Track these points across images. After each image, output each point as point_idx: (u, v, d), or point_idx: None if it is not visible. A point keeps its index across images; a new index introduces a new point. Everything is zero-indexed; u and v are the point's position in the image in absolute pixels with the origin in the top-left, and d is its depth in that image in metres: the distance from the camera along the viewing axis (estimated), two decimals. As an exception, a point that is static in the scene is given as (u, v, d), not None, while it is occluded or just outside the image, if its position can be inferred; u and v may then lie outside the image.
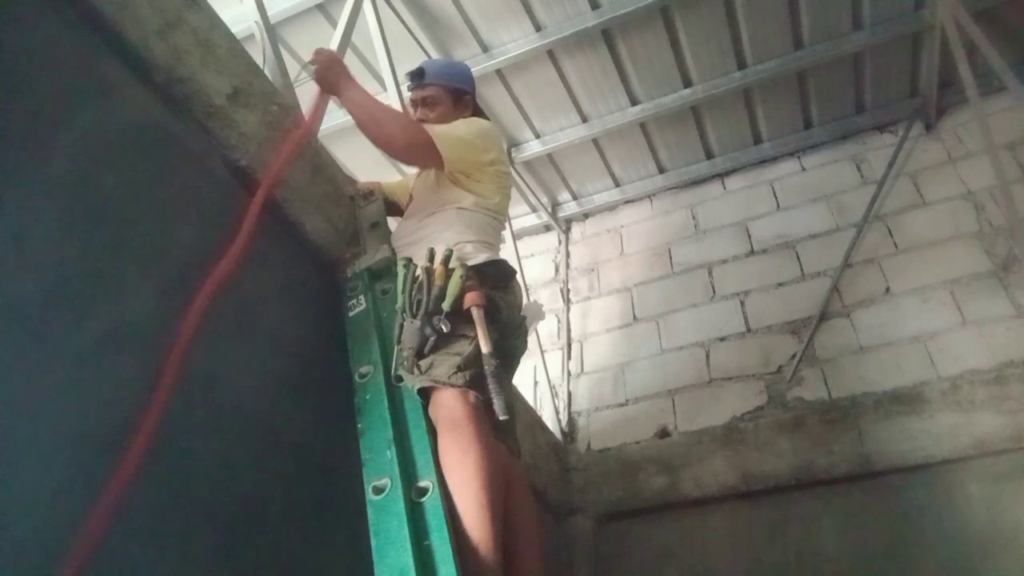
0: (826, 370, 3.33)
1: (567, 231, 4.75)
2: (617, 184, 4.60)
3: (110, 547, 1.11)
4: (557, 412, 3.79)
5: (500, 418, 1.53)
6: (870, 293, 3.48)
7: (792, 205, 4.03)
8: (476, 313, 1.62)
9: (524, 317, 1.96)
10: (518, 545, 1.53)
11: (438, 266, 1.66)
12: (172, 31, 1.53)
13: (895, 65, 3.85)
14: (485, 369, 1.55)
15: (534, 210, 4.71)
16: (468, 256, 1.77)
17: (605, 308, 4.18)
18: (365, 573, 1.30)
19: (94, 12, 1.35)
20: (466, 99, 2.16)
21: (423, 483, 1.42)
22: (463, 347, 1.60)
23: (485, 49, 3.68)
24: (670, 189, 4.51)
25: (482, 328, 1.61)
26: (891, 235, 3.63)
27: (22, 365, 1.06)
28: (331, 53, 2.02)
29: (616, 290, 4.23)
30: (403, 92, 3.00)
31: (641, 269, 4.22)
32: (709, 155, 4.40)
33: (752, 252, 3.95)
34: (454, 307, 1.62)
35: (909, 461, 2.86)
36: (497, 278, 1.82)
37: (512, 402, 1.70)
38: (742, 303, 3.77)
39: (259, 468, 1.46)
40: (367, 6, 3.06)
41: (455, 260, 1.70)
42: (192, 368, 1.38)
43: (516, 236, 4.32)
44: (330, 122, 3.67)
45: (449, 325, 1.60)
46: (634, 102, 4.04)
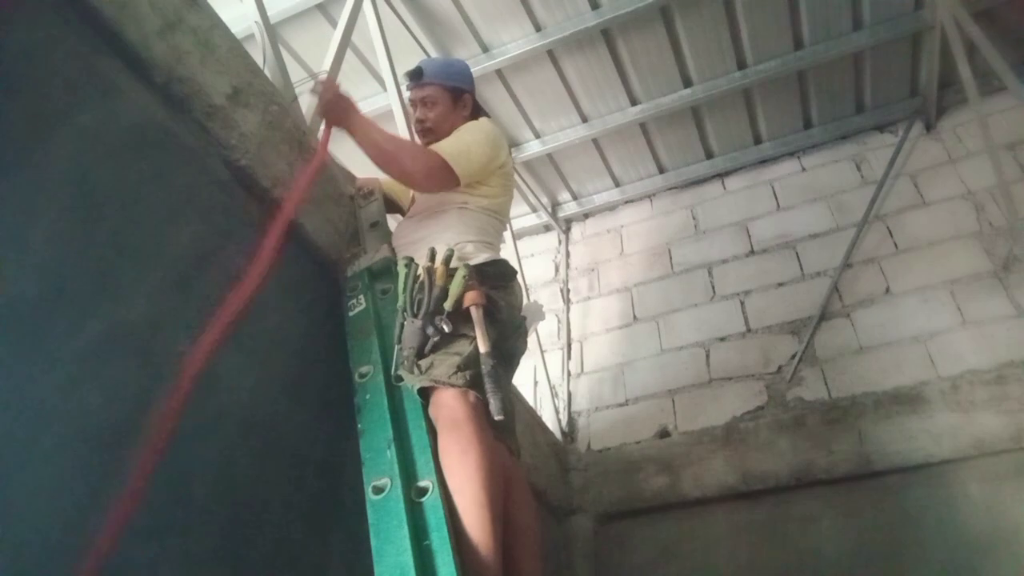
0: (826, 370, 3.33)
1: (567, 231, 4.75)
2: (617, 184, 4.60)
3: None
4: (557, 412, 3.79)
5: (496, 418, 1.53)
6: (870, 293, 3.48)
7: (792, 205, 4.04)
8: (475, 313, 1.62)
9: (524, 317, 1.96)
10: (518, 545, 1.53)
11: (439, 266, 1.66)
12: (172, 31, 1.53)
13: (895, 65, 3.85)
14: (483, 369, 1.55)
15: (534, 210, 4.71)
16: (469, 256, 1.77)
17: (605, 308, 4.18)
18: (365, 573, 1.30)
19: (94, 12, 1.35)
20: (465, 98, 2.14)
21: (423, 483, 1.42)
22: (463, 347, 1.60)
23: (485, 49, 3.68)
24: (670, 189, 4.52)
25: (481, 328, 1.61)
26: (891, 235, 3.63)
27: (22, 365, 1.06)
28: (335, 86, 1.97)
29: (616, 290, 4.23)
30: (403, 92, 3.01)
31: (641, 269, 4.22)
32: (709, 155, 4.40)
33: (752, 252, 3.95)
34: (455, 307, 1.62)
35: (909, 461, 2.86)
36: (498, 278, 1.82)
37: (510, 402, 1.70)
38: (742, 303, 3.77)
39: (259, 468, 1.46)
40: (367, 6, 3.06)
41: (456, 260, 1.70)
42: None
43: (516, 236, 4.32)
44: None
45: (450, 325, 1.60)
46: (634, 102, 4.04)
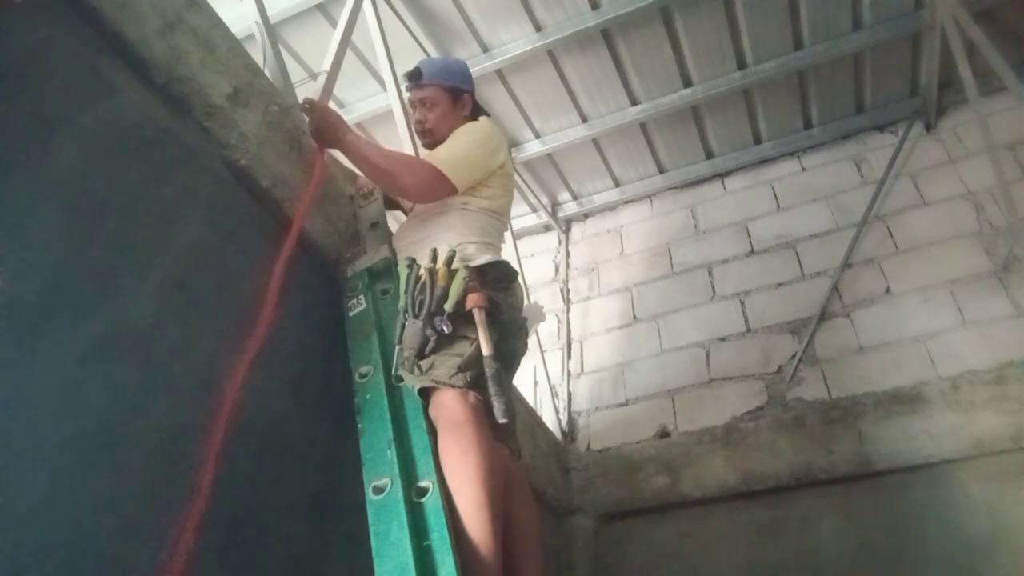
0: (826, 370, 3.33)
1: (567, 231, 4.75)
2: (617, 184, 4.60)
3: (109, 547, 1.11)
4: (557, 412, 3.79)
5: (500, 421, 1.53)
6: (870, 293, 3.48)
7: (792, 205, 4.04)
8: (477, 315, 1.62)
9: (525, 319, 1.96)
10: (518, 545, 1.53)
11: (441, 267, 1.66)
12: (172, 31, 1.53)
13: (895, 65, 3.85)
14: (486, 371, 1.55)
15: (534, 210, 4.71)
16: (470, 257, 1.77)
17: (605, 308, 4.18)
18: (365, 573, 1.29)
19: (94, 12, 1.35)
20: (464, 98, 2.13)
21: (423, 483, 1.42)
22: (464, 348, 1.60)
23: (485, 49, 3.68)
24: (670, 189, 4.52)
25: (483, 330, 1.61)
26: (891, 235, 3.63)
27: (22, 365, 1.06)
28: (324, 107, 1.99)
29: (616, 290, 4.23)
30: (403, 92, 3.01)
31: (641, 269, 4.22)
32: (709, 155, 4.40)
33: (752, 252, 3.95)
34: (456, 308, 1.62)
35: (909, 461, 2.86)
36: (499, 279, 1.82)
37: (512, 404, 1.70)
38: (742, 303, 3.77)
39: (259, 468, 1.46)
40: (367, 6, 3.06)
41: (458, 261, 1.70)
42: (193, 368, 1.38)
43: (516, 236, 4.32)
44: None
45: (451, 326, 1.60)
46: (634, 102, 4.04)
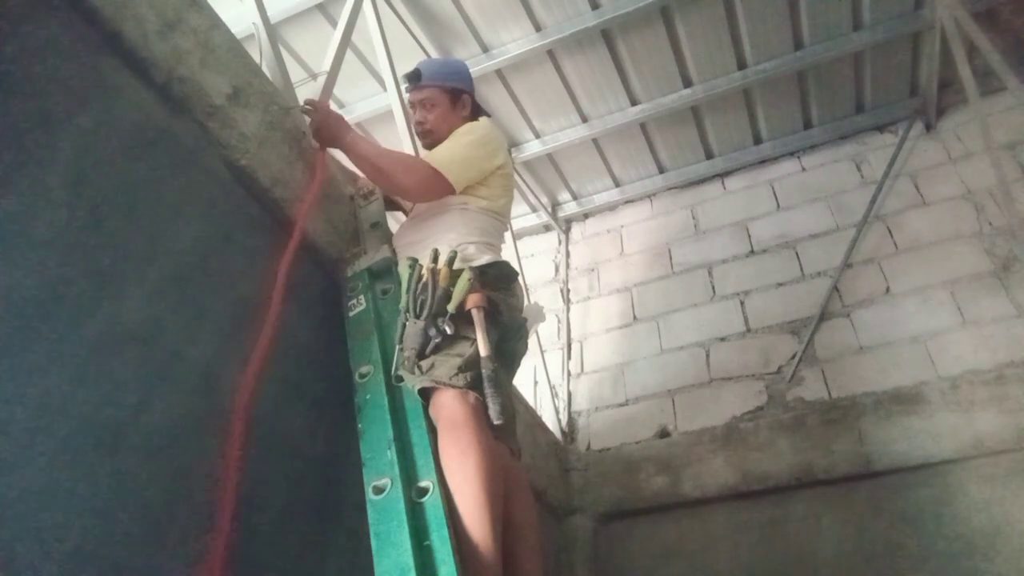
0: (826, 370, 3.33)
1: (567, 231, 4.75)
2: (617, 184, 4.60)
3: (109, 547, 1.11)
4: (557, 412, 3.79)
5: (494, 422, 1.53)
6: (870, 293, 3.48)
7: (792, 205, 4.04)
8: (477, 315, 1.62)
9: (525, 319, 1.96)
10: (518, 545, 1.53)
11: (443, 267, 1.66)
12: (172, 31, 1.53)
13: (895, 65, 3.85)
14: (483, 372, 1.55)
15: (534, 210, 4.71)
16: (471, 257, 1.77)
17: (605, 308, 4.18)
18: (365, 573, 1.29)
19: (94, 12, 1.35)
20: (464, 98, 2.14)
21: (423, 483, 1.42)
22: (464, 348, 1.60)
23: (485, 49, 3.68)
24: (670, 189, 4.52)
25: (482, 331, 1.61)
26: (891, 235, 3.63)
27: (22, 365, 1.06)
28: (326, 107, 2.00)
29: (616, 290, 4.22)
30: (403, 92, 3.01)
31: (641, 269, 4.22)
32: (709, 155, 4.40)
33: (752, 252, 3.95)
34: (458, 309, 1.62)
35: (909, 461, 2.86)
36: (499, 280, 1.82)
37: (511, 404, 1.70)
38: (742, 303, 3.77)
39: (259, 468, 1.46)
40: (367, 6, 3.06)
41: (460, 261, 1.70)
42: (192, 368, 1.38)
43: (516, 236, 4.32)
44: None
45: (453, 327, 1.60)
46: (634, 102, 4.04)
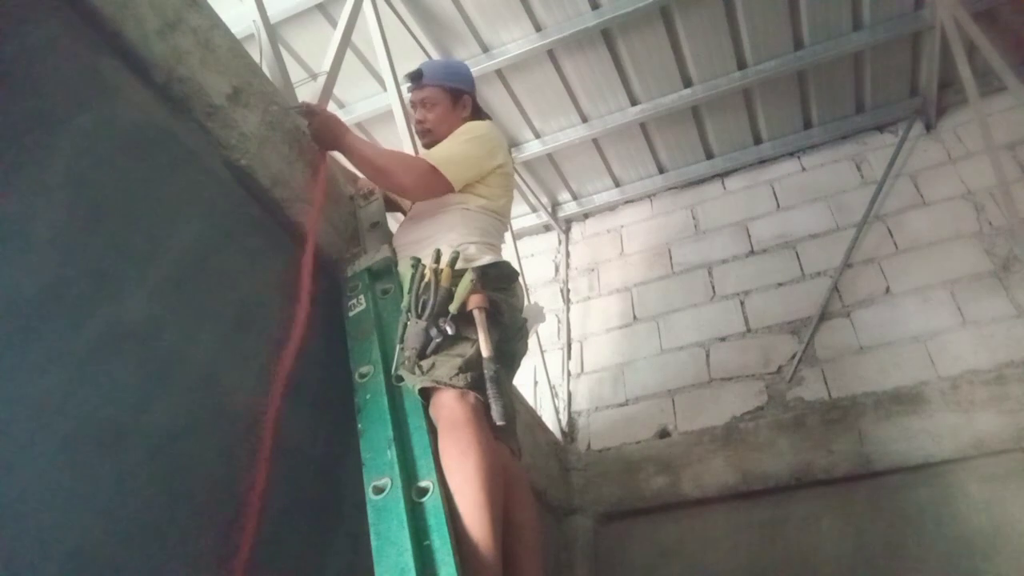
0: (826, 370, 3.33)
1: (567, 231, 4.75)
2: (617, 184, 4.60)
3: (109, 547, 1.11)
4: (557, 412, 3.79)
5: (498, 423, 1.53)
6: (870, 293, 3.48)
7: (792, 205, 4.04)
8: (478, 316, 1.62)
9: (525, 319, 1.96)
10: (518, 545, 1.53)
11: (445, 267, 1.66)
12: (172, 31, 1.53)
13: (895, 65, 3.85)
14: (485, 373, 1.55)
15: (534, 210, 4.71)
16: (472, 257, 1.77)
17: (605, 308, 4.18)
18: (365, 573, 1.29)
19: (94, 12, 1.35)
20: (464, 99, 2.15)
21: (423, 483, 1.42)
22: (465, 349, 1.60)
23: (485, 49, 3.68)
24: (670, 189, 4.52)
25: (483, 331, 1.61)
26: (891, 235, 3.63)
27: (22, 365, 1.06)
28: (323, 110, 2.01)
29: (616, 290, 4.22)
30: (403, 92, 3.01)
31: (641, 269, 4.22)
32: (709, 155, 4.40)
33: (752, 252, 3.95)
34: (460, 309, 1.62)
35: (909, 461, 2.85)
36: (500, 280, 1.82)
37: (512, 406, 1.70)
38: (742, 303, 3.77)
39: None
40: (367, 6, 3.06)
41: (462, 261, 1.70)
42: (192, 368, 1.38)
43: (516, 236, 4.32)
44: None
45: (455, 327, 1.60)
46: (634, 102, 4.04)
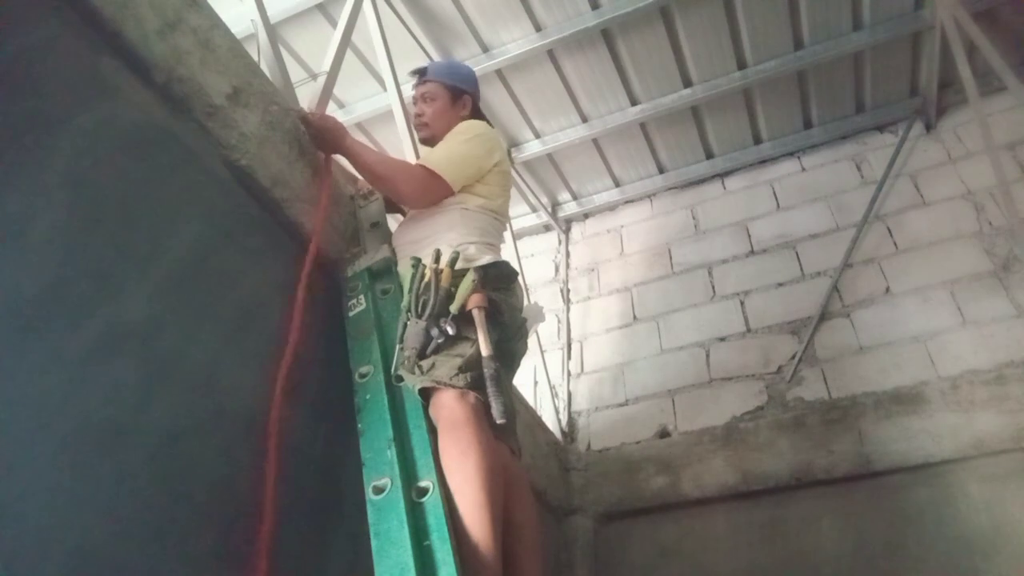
0: (826, 370, 3.33)
1: (567, 231, 4.75)
2: (617, 184, 4.60)
3: (109, 547, 1.11)
4: (557, 412, 3.79)
5: (498, 422, 1.53)
6: (870, 293, 3.48)
7: (792, 205, 4.04)
8: (477, 315, 1.62)
9: (525, 319, 1.96)
10: (518, 545, 1.53)
11: (446, 268, 1.66)
12: (172, 31, 1.53)
13: (895, 65, 3.85)
14: (485, 371, 1.55)
15: (534, 210, 4.71)
16: (472, 257, 1.77)
17: (605, 308, 4.18)
18: (365, 573, 1.29)
19: (94, 12, 1.35)
20: (464, 98, 2.16)
21: (423, 483, 1.42)
22: (465, 349, 1.60)
23: (485, 49, 3.68)
24: (670, 189, 4.52)
25: (483, 331, 1.61)
26: (891, 235, 3.63)
27: (22, 365, 1.06)
28: (322, 115, 2.02)
29: (616, 290, 4.22)
30: (403, 92, 3.01)
31: (641, 269, 4.22)
32: (709, 155, 4.40)
33: (752, 252, 3.95)
34: (460, 310, 1.62)
35: (909, 461, 2.86)
36: (500, 280, 1.82)
37: (512, 405, 1.70)
38: (742, 303, 3.77)
39: (259, 468, 1.46)
40: (367, 6, 3.06)
41: (462, 261, 1.70)
42: (192, 368, 1.38)
43: (516, 236, 4.32)
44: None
45: (455, 327, 1.60)
46: (634, 102, 4.04)
